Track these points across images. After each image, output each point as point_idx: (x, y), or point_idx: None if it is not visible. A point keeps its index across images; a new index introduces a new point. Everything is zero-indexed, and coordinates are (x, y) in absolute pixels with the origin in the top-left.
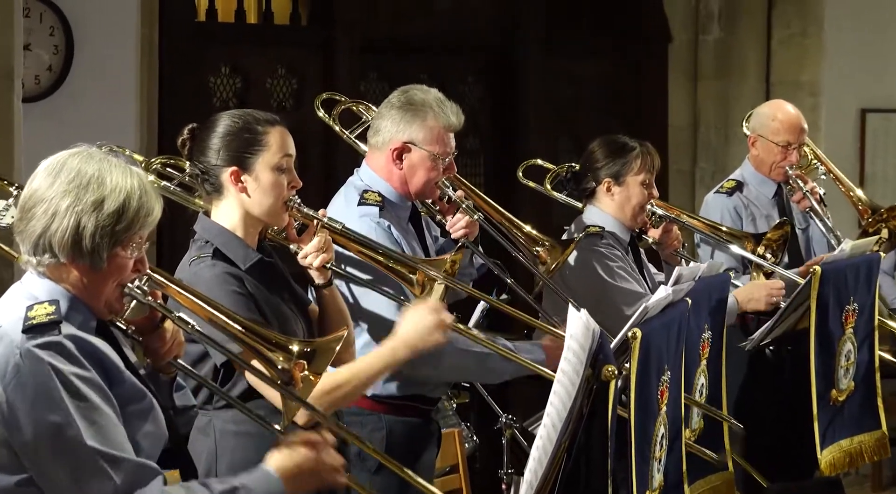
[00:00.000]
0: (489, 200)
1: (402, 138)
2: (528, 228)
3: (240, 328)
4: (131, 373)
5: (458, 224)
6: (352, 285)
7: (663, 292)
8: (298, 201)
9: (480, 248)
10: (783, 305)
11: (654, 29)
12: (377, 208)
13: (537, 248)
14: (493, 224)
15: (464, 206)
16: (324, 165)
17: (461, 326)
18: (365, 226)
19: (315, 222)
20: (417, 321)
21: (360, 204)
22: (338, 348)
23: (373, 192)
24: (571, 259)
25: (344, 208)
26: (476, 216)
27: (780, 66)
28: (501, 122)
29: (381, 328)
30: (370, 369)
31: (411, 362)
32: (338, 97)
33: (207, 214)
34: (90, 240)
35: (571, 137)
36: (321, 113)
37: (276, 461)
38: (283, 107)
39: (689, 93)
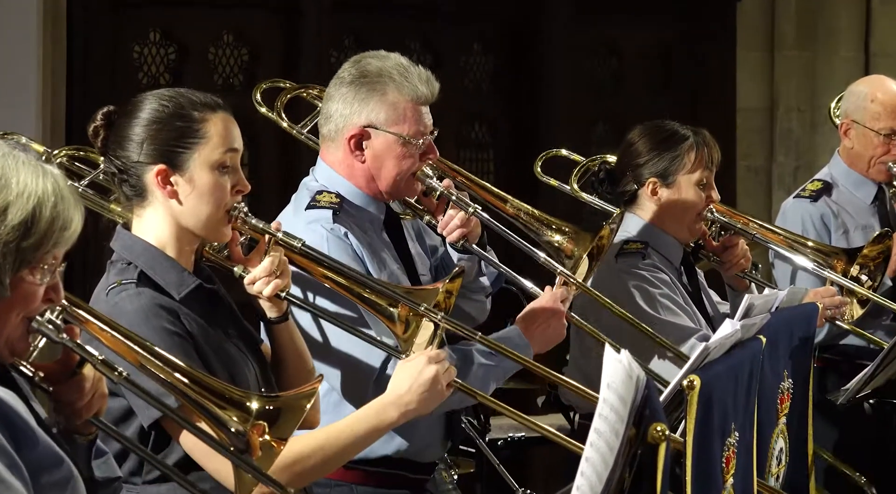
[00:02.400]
0: (488, 185)
1: (358, 122)
2: (540, 212)
3: (183, 377)
4: (45, 433)
5: (450, 224)
6: (317, 321)
7: (729, 328)
8: (245, 209)
9: (492, 252)
10: (886, 347)
11: None
12: (330, 212)
13: (556, 237)
14: (497, 218)
15: (454, 198)
16: (282, 163)
17: (462, 384)
18: (313, 236)
19: (266, 237)
20: (415, 375)
21: (309, 208)
22: (309, 406)
23: (329, 192)
24: (599, 284)
25: (291, 216)
26: (471, 210)
27: (881, 33)
28: (517, 105)
29: (354, 380)
30: (350, 434)
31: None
32: (281, 84)
33: (127, 226)
34: None
35: (609, 124)
36: (263, 109)
37: None
38: (229, 86)
39: (764, 67)
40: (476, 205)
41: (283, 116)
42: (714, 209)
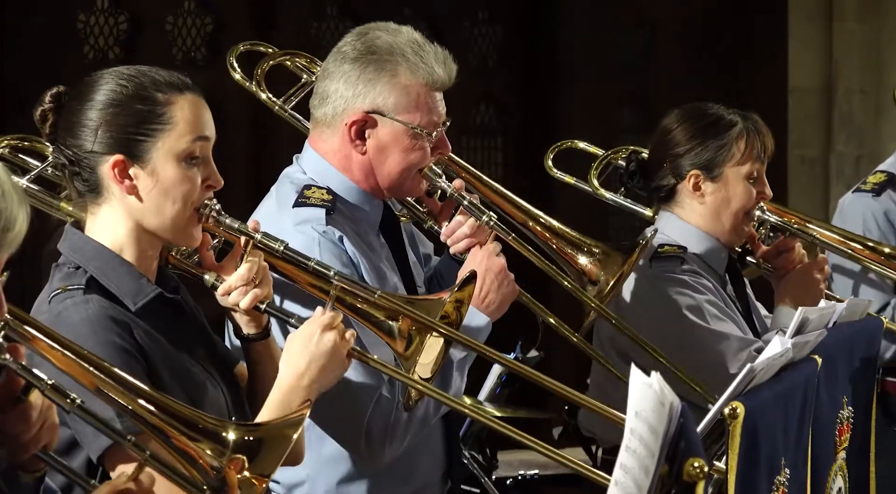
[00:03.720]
0: (504, 191)
1: (362, 106)
2: (566, 228)
3: (147, 404)
4: None
5: (457, 232)
6: None
7: (778, 346)
8: (218, 207)
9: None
10: None
11: None
12: (323, 211)
13: (582, 259)
14: (513, 229)
15: (465, 203)
16: (258, 152)
17: (363, 352)
18: (302, 238)
19: (243, 239)
20: (311, 348)
21: (297, 205)
22: (296, 436)
23: (319, 188)
24: (632, 292)
25: (275, 214)
26: (485, 219)
27: None
28: (530, 84)
29: (349, 407)
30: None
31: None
32: (263, 48)
33: (79, 225)
34: None
35: (637, 108)
36: (238, 75)
37: None
38: (191, 61)
39: (821, 41)
40: (491, 213)
41: (264, 86)
42: (765, 208)
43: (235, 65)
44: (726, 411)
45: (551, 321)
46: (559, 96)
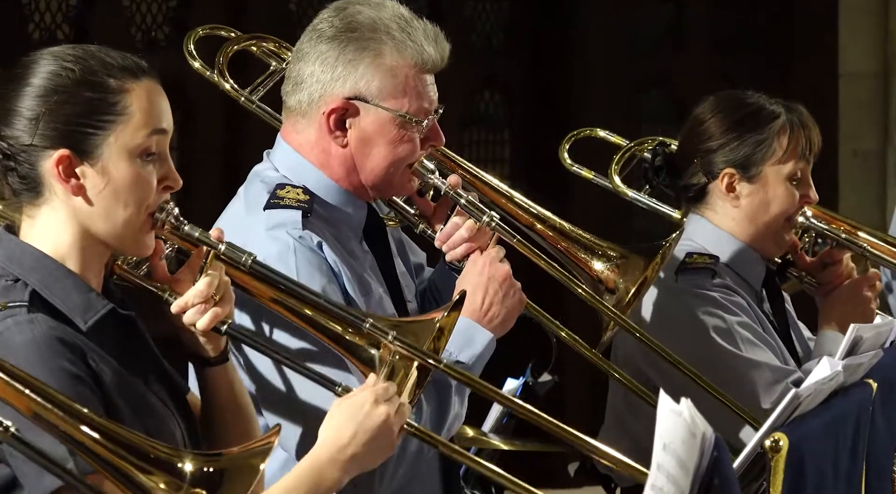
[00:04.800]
0: (507, 190)
1: (341, 92)
2: (579, 230)
3: (92, 432)
4: None
5: (454, 236)
6: (263, 363)
7: (827, 369)
8: (176, 212)
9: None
10: None
11: None
12: (299, 213)
13: (597, 264)
14: (518, 232)
15: (463, 202)
16: (231, 147)
17: (419, 428)
18: (276, 245)
19: (203, 249)
20: (359, 419)
21: (269, 207)
22: (263, 466)
23: (293, 187)
24: (654, 309)
25: (243, 218)
26: (486, 219)
27: None
28: (541, 68)
29: (312, 436)
30: None
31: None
32: (224, 33)
33: (13, 229)
34: None
35: (664, 95)
36: (197, 63)
37: None
38: (151, 41)
39: (876, 19)
40: (493, 212)
41: (227, 75)
42: (810, 212)
43: (194, 51)
44: (767, 443)
45: (563, 335)
46: (574, 81)
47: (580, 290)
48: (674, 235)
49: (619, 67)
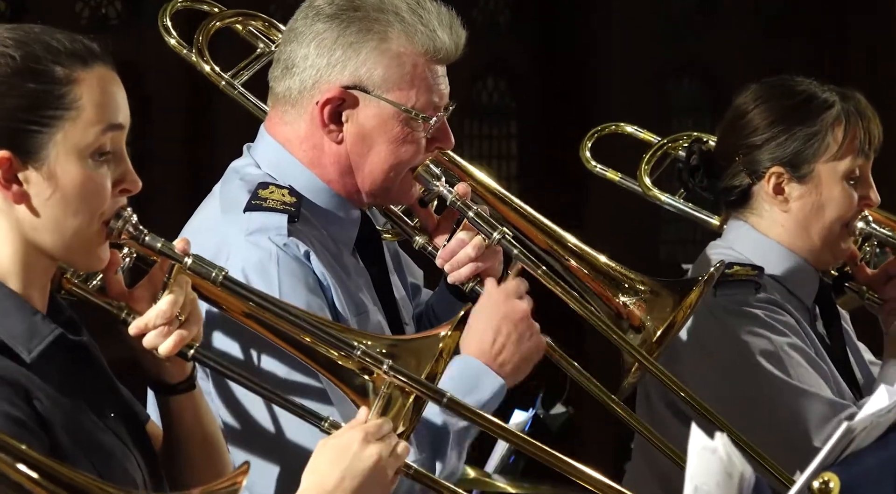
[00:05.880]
0: (521, 204)
1: (339, 80)
2: (603, 258)
3: (31, 471)
4: None
5: (459, 254)
6: (238, 390)
7: (885, 399)
8: (135, 219)
9: None
10: None
11: None
12: (284, 217)
13: (623, 298)
14: (533, 254)
15: (471, 215)
16: (196, 141)
17: (421, 471)
18: (256, 254)
19: (167, 262)
20: (347, 460)
21: (249, 209)
22: None
23: (278, 187)
24: (689, 329)
25: (219, 222)
26: (497, 236)
27: None
28: (553, 51)
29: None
30: None
31: None
32: (207, 7)
33: None
34: None
35: (697, 81)
36: (173, 40)
37: None
38: (101, 20)
39: None
40: (505, 229)
41: (207, 56)
42: (870, 218)
43: (170, 26)
44: (816, 484)
45: (583, 380)
46: (592, 66)
47: (602, 325)
48: (712, 268)
49: (645, 50)
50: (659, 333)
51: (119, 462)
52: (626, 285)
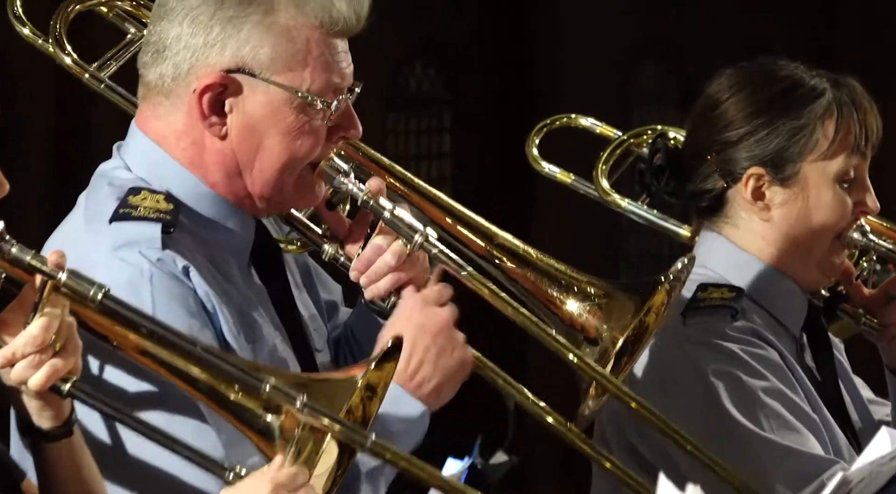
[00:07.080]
0: (448, 201)
1: (219, 62)
2: (547, 259)
3: None
4: None
5: (376, 264)
6: (126, 433)
7: (887, 444)
8: (1, 227)
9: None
10: None
11: None
12: (157, 227)
13: (572, 303)
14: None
15: (387, 216)
16: (66, 138)
17: None
18: (126, 272)
19: (38, 279)
20: None
21: (117, 219)
22: None
23: (152, 192)
24: (649, 362)
25: (82, 235)
26: (419, 239)
27: None
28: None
29: None
30: None
31: None
32: None
33: None
34: None
35: (665, 64)
36: (26, 29)
37: None
38: None
39: None
40: (429, 230)
41: (66, 45)
42: (867, 227)
43: (21, 13)
44: None
45: (529, 403)
46: (543, 48)
47: (552, 340)
48: (679, 264)
49: (605, 31)
50: (619, 344)
51: None
52: (576, 289)
